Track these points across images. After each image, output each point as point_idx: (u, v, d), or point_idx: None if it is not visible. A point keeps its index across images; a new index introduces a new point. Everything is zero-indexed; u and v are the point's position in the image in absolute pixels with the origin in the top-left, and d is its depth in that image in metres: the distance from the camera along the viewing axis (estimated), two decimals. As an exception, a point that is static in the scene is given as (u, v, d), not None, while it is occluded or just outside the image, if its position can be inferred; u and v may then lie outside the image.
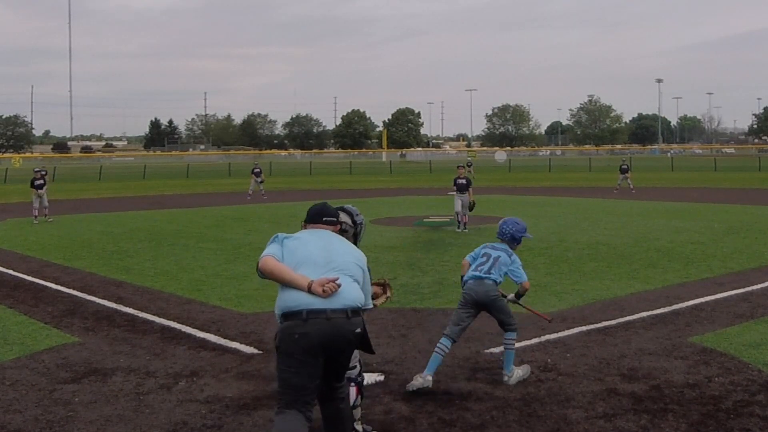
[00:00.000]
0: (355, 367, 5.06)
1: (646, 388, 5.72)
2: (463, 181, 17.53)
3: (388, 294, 5.08)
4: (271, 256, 4.16)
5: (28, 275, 11.51)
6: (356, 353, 5.26)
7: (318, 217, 4.47)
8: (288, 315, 4.03)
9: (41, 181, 21.08)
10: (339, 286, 4.04)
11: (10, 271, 11.92)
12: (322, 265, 4.14)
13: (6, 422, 5.22)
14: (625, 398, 5.50)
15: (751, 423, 4.96)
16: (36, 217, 20.69)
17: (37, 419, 5.27)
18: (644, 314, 8.15)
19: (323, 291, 4.00)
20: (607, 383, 5.85)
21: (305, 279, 4.04)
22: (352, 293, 4.12)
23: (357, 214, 5.13)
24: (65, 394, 5.83)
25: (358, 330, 4.10)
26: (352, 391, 4.95)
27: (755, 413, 5.14)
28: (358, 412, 4.97)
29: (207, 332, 7.74)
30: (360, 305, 4.16)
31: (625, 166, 32.94)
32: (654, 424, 4.98)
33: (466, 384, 5.91)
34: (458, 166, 19.10)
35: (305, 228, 4.48)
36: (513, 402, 5.47)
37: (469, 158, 50.30)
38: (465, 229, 17.04)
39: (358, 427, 4.92)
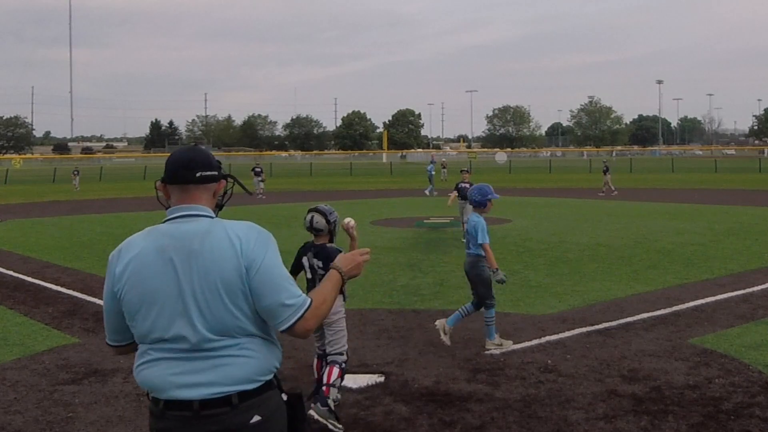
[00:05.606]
0: (341, 354, 5.27)
1: (646, 389, 5.71)
2: (467, 185, 16.00)
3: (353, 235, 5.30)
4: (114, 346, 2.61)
5: (29, 276, 11.52)
6: (341, 339, 5.31)
7: (187, 174, 2.45)
8: (150, 398, 2.48)
9: None
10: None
11: (11, 272, 11.93)
12: (181, 320, 2.38)
13: (6, 423, 5.22)
14: (626, 399, 5.50)
15: (751, 424, 4.96)
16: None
17: (37, 420, 5.27)
18: (644, 315, 8.15)
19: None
20: (607, 384, 5.85)
21: None
22: (236, 368, 2.40)
23: (330, 213, 5.35)
24: (65, 395, 5.83)
25: (256, 419, 2.39)
26: (335, 371, 5.13)
27: (755, 415, 5.14)
28: (334, 392, 5.06)
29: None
30: (255, 382, 2.42)
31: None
32: (654, 425, 4.98)
33: (467, 385, 5.90)
34: (461, 171, 17.06)
35: (163, 189, 2.50)
36: (513, 403, 5.47)
37: (443, 159, 50.50)
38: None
39: (331, 403, 5.01)
